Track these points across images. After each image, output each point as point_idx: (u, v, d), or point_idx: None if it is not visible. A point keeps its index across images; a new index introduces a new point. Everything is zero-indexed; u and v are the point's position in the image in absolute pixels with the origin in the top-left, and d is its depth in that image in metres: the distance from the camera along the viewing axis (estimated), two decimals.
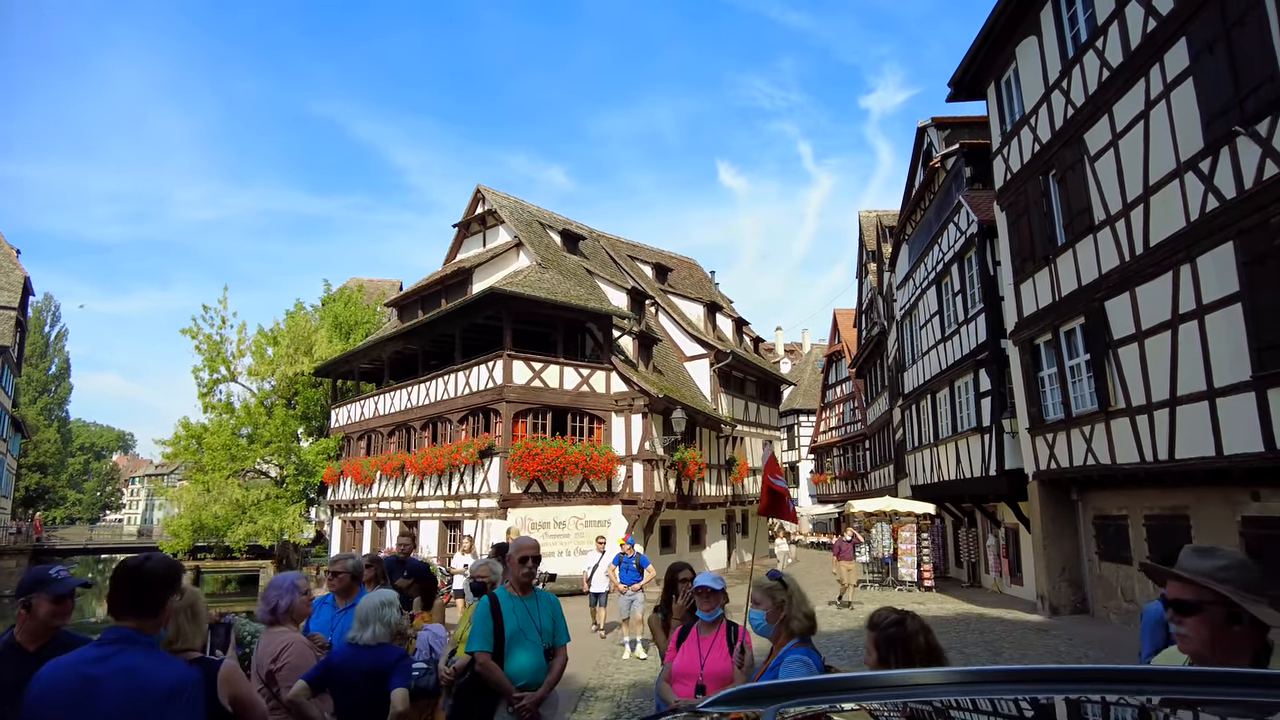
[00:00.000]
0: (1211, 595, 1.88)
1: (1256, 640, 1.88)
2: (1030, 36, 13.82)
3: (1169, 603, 2.01)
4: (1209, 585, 1.89)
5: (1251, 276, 8.71)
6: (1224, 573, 1.91)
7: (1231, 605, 1.87)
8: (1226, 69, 8.95)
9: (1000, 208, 15.38)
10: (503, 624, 4.05)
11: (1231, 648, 1.87)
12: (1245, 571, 1.94)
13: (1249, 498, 9.69)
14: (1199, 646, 1.92)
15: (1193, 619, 1.92)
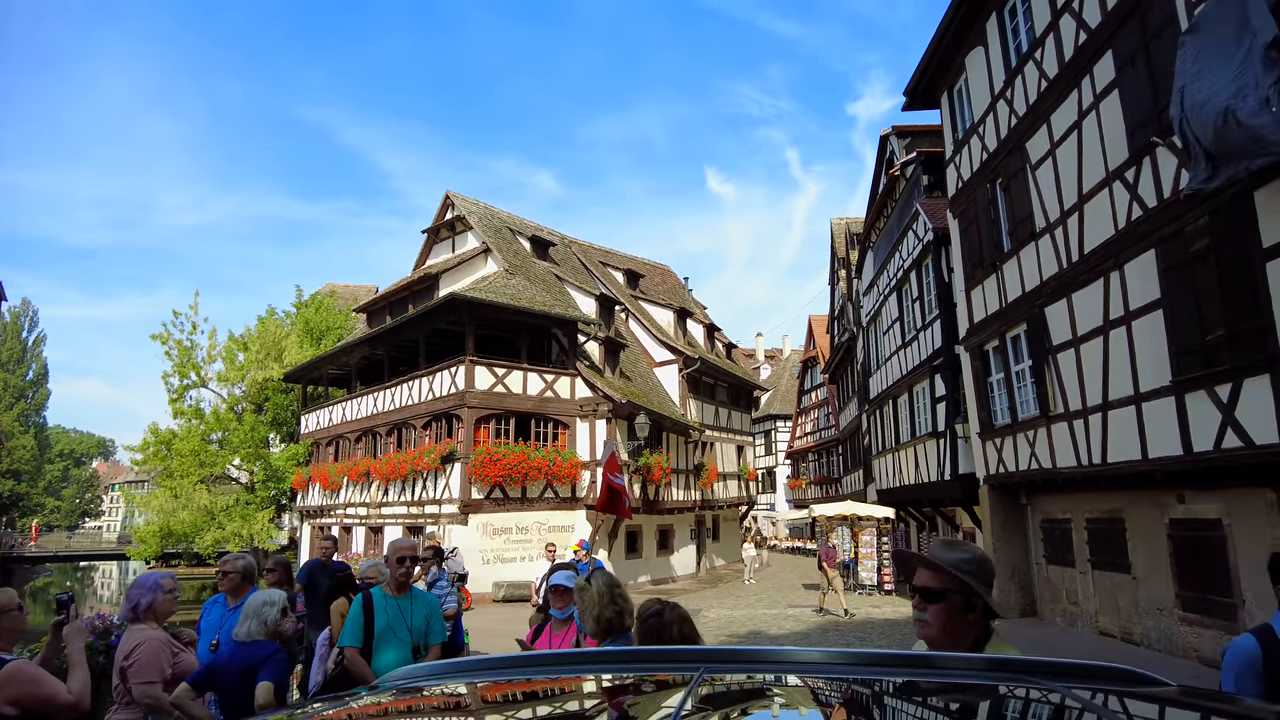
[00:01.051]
0: (956, 584, 2.00)
1: (978, 628, 2.02)
2: (978, 47, 14.05)
3: (915, 589, 2.10)
4: (956, 574, 2.00)
5: (1170, 284, 8.91)
6: (967, 565, 2.03)
7: (970, 594, 1.99)
8: (1147, 81, 9.16)
9: (953, 215, 15.59)
10: (373, 622, 4.15)
11: (960, 634, 2.00)
12: (983, 565, 2.07)
13: (1175, 500, 9.88)
14: (936, 632, 2.02)
15: (936, 606, 2.02)
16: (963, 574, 2.01)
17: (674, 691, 1.34)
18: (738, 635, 12.81)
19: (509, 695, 1.48)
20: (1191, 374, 8.52)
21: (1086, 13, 10.39)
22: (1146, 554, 10.61)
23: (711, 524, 29.45)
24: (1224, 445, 8.10)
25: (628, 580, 22.00)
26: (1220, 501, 9.03)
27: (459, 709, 1.43)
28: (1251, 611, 8.54)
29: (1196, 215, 8.36)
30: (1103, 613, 11.87)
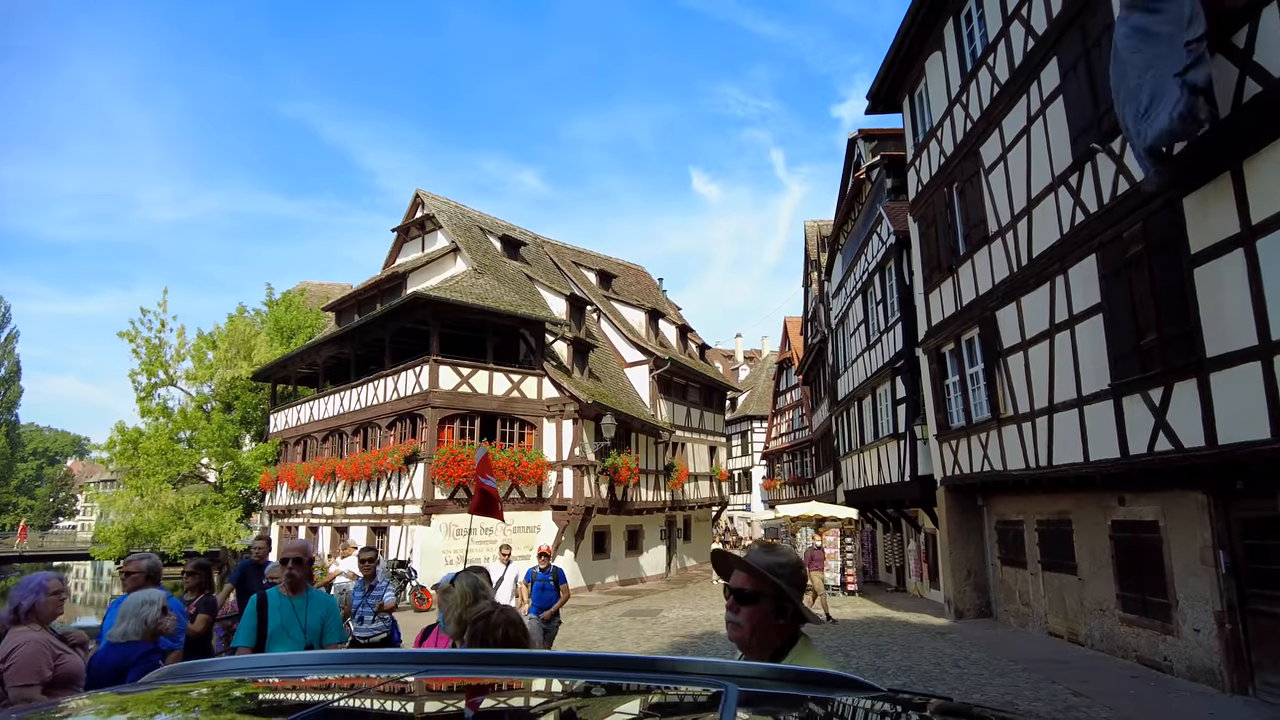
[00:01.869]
0: (769, 588, 2.01)
1: (788, 632, 2.03)
2: (936, 52, 14.15)
3: (730, 591, 2.11)
4: (770, 578, 2.02)
5: (1109, 288, 9.01)
6: (781, 569, 2.04)
7: (782, 598, 2.01)
8: (1087, 88, 9.27)
9: (913, 218, 15.70)
10: (266, 621, 4.16)
11: (769, 637, 2.02)
12: (798, 570, 2.09)
13: (1117, 502, 10.00)
14: (745, 634, 2.03)
15: (748, 608, 2.03)
16: (776, 577, 2.02)
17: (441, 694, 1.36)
18: (692, 635, 12.83)
19: (274, 694, 1.47)
20: (1128, 378, 8.63)
21: (1034, 19, 10.50)
22: (1091, 555, 10.74)
23: (683, 524, 29.49)
24: (1157, 448, 8.21)
25: (595, 581, 22.03)
26: (1157, 504, 9.16)
27: (213, 706, 1.42)
28: (1184, 612, 8.66)
29: (1132, 221, 8.48)
30: (1052, 613, 12.00)
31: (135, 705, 1.36)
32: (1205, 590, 8.29)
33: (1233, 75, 6.82)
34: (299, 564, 4.33)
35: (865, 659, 10.33)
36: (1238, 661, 7.89)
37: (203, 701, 1.38)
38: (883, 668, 9.70)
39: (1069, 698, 8.00)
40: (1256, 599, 7.71)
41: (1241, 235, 6.83)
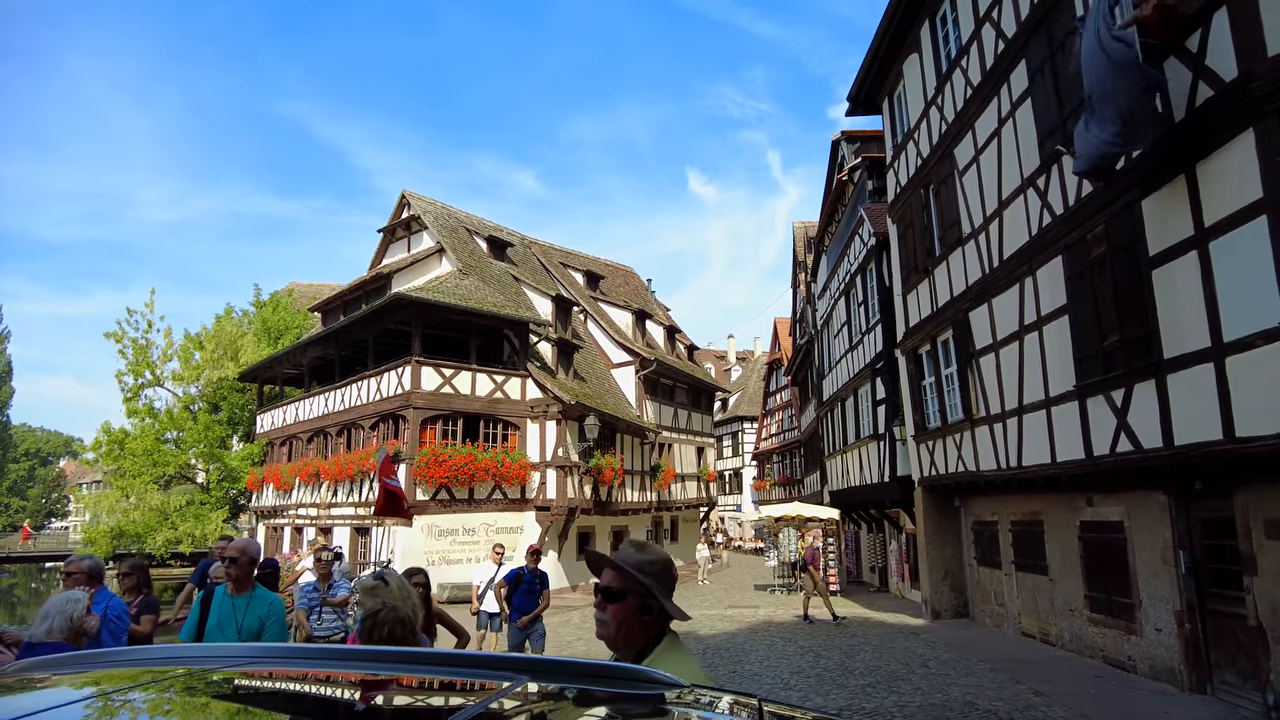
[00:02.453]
0: (636, 585, 2.03)
1: (651, 631, 2.04)
2: (914, 54, 14.21)
3: (599, 589, 2.13)
4: (636, 576, 2.04)
5: (1074, 290, 9.06)
6: (650, 567, 2.06)
7: (648, 596, 2.02)
8: (1053, 91, 9.32)
9: (892, 220, 15.76)
10: (207, 618, 4.20)
11: (635, 634, 2.03)
12: (666, 569, 2.11)
13: (1085, 503, 10.04)
14: (611, 631, 2.05)
15: (614, 606, 2.04)
16: (644, 575, 2.04)
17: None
18: None
19: (119, 685, 1.49)
20: (1091, 379, 8.68)
21: (1004, 22, 10.55)
22: (1061, 556, 10.79)
23: (670, 525, 29.51)
24: (1118, 449, 8.25)
25: (579, 582, 22.03)
26: (1123, 504, 9.20)
27: (57, 698, 1.43)
28: (1147, 612, 8.71)
29: (1095, 223, 8.53)
30: (1025, 613, 12.04)
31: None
32: (1166, 590, 8.34)
33: (1186, 79, 6.87)
34: (234, 563, 4.35)
35: (835, 659, 10.36)
36: (1197, 661, 7.94)
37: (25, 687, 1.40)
38: (851, 668, 9.73)
39: (1030, 697, 8.04)
40: (1215, 599, 7.76)
41: (1196, 238, 6.88)
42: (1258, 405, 6.23)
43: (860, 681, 8.91)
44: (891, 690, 8.42)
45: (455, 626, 5.38)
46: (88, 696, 1.29)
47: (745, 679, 9.15)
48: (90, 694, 1.30)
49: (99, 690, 1.32)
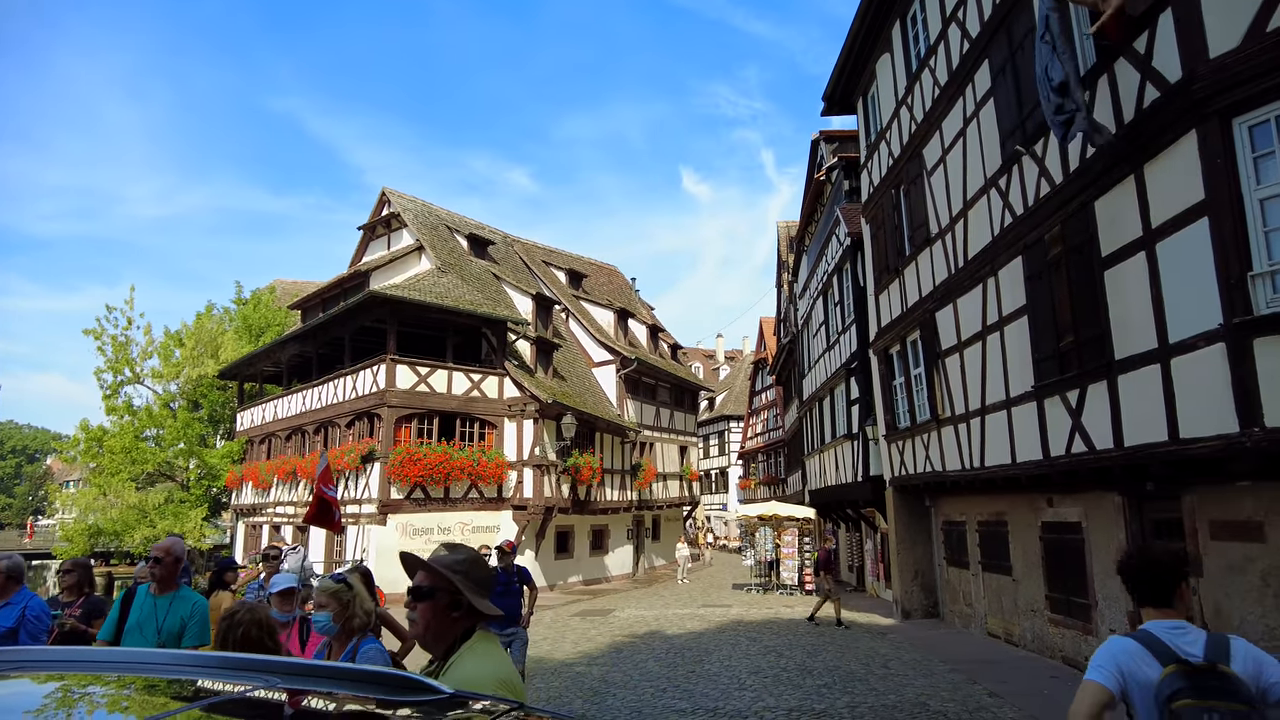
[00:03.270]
0: (444, 583, 2.11)
1: (460, 627, 2.12)
2: (885, 54, 14.20)
3: (409, 590, 2.18)
4: (445, 574, 2.11)
5: (1033, 291, 9.07)
6: (459, 565, 2.15)
7: (456, 593, 2.10)
8: (1014, 91, 9.32)
9: (865, 220, 15.76)
10: (126, 617, 4.18)
11: (444, 630, 2.11)
12: (475, 566, 2.19)
13: (1046, 504, 10.05)
14: (421, 629, 2.13)
15: (424, 604, 2.12)
16: (453, 573, 2.11)
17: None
18: (635, 634, 12.83)
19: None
20: (1049, 380, 8.69)
21: (969, 22, 10.54)
22: (1024, 556, 10.80)
23: (651, 524, 29.48)
24: (1073, 450, 8.26)
25: (557, 581, 22.00)
26: (1080, 505, 9.21)
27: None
28: (1103, 613, 8.72)
29: (1052, 224, 8.53)
30: (991, 614, 12.06)
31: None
32: (1119, 591, 8.34)
33: (1134, 80, 6.87)
34: (159, 563, 4.32)
35: (797, 659, 10.35)
36: None
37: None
38: (810, 668, 9.72)
39: (983, 698, 8.04)
40: None
41: (1144, 239, 6.88)
42: (1200, 407, 6.24)
43: (817, 682, 8.90)
44: (846, 691, 8.41)
45: (397, 629, 5.30)
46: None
47: (702, 678, 9.12)
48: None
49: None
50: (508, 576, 8.03)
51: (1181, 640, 2.29)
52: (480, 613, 2.13)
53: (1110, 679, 2.27)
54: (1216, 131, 5.99)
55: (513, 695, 1.98)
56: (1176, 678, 2.17)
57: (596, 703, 8.02)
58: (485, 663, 2.04)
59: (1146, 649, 2.29)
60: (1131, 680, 2.26)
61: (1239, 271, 5.82)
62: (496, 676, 2.00)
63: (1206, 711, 2.11)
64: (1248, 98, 5.82)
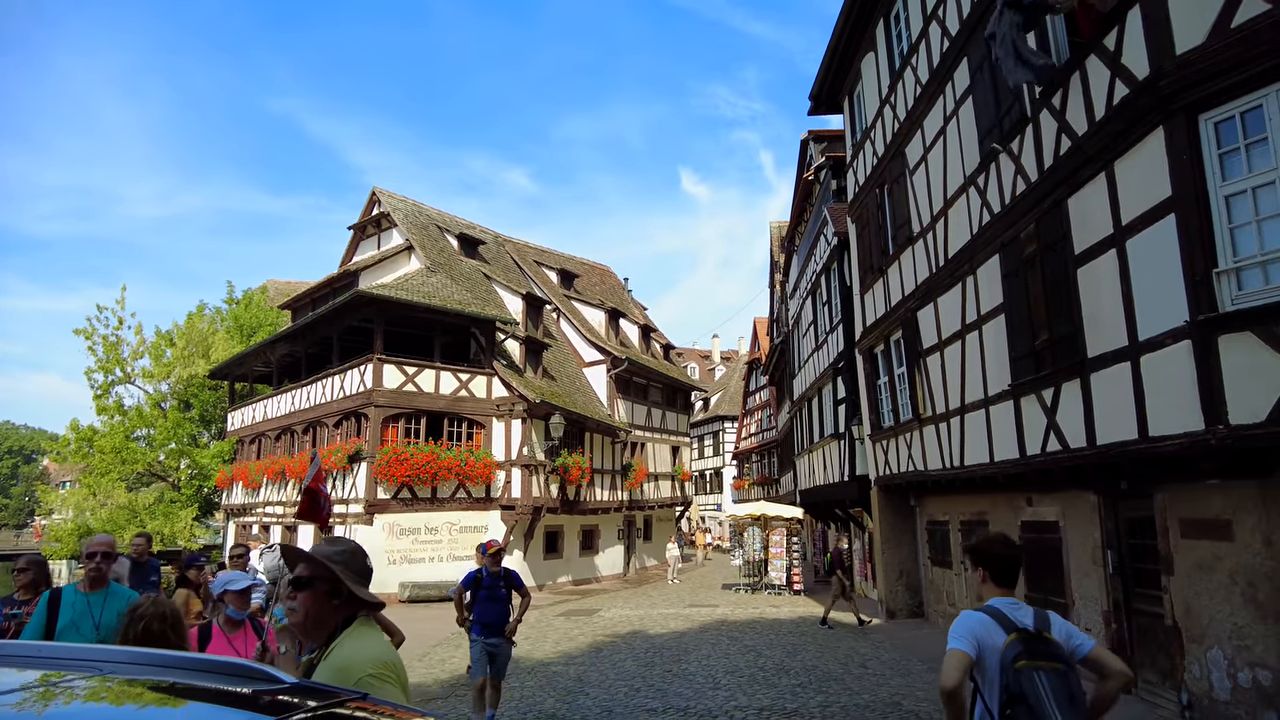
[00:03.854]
0: (324, 572, 2.19)
1: (340, 615, 2.19)
2: (870, 53, 14.18)
3: (290, 581, 2.26)
4: (324, 563, 2.19)
5: (1009, 289, 9.04)
6: (339, 555, 2.24)
7: (335, 582, 2.18)
8: (991, 88, 9.29)
9: (851, 220, 15.73)
10: (56, 618, 4.12)
11: (323, 618, 2.19)
12: (355, 557, 2.29)
13: (1025, 503, 10.02)
14: (301, 618, 2.19)
15: (303, 593, 2.19)
16: (332, 563, 2.19)
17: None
18: (618, 634, 12.79)
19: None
20: (1025, 378, 8.66)
21: (949, 20, 10.52)
22: None
23: (643, 524, 29.43)
24: (1049, 449, 8.24)
25: (546, 581, 21.96)
26: (1058, 504, 9.18)
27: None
28: (1079, 613, 8.69)
29: (1027, 221, 8.50)
30: None
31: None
32: (1095, 590, 8.32)
33: (1105, 77, 6.85)
34: (106, 559, 4.28)
35: (775, 658, 10.32)
36: (1122, 661, 7.90)
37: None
38: (788, 667, 9.69)
39: None
40: (1139, 599, 7.74)
41: (1114, 236, 6.86)
42: (1168, 405, 6.22)
43: (792, 681, 8.86)
44: (820, 690, 8.37)
45: (386, 625, 5.26)
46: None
47: (677, 678, 9.09)
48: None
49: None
50: (493, 580, 7.20)
51: (1017, 614, 2.76)
52: (361, 600, 2.21)
53: (969, 646, 2.69)
54: (1183, 128, 5.97)
55: (391, 677, 2.02)
56: (1017, 643, 2.64)
57: (569, 702, 7.98)
58: (363, 645, 2.09)
59: (994, 621, 2.73)
60: (984, 647, 2.68)
61: (1204, 268, 5.79)
62: (373, 658, 2.04)
63: (1036, 670, 2.58)
64: (1213, 93, 5.80)
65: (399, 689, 2.05)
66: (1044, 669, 2.58)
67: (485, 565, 7.31)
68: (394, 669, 2.05)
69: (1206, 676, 6.54)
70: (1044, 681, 2.57)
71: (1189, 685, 6.76)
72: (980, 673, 2.70)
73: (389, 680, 2.02)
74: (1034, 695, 2.55)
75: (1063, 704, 2.53)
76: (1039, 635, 2.68)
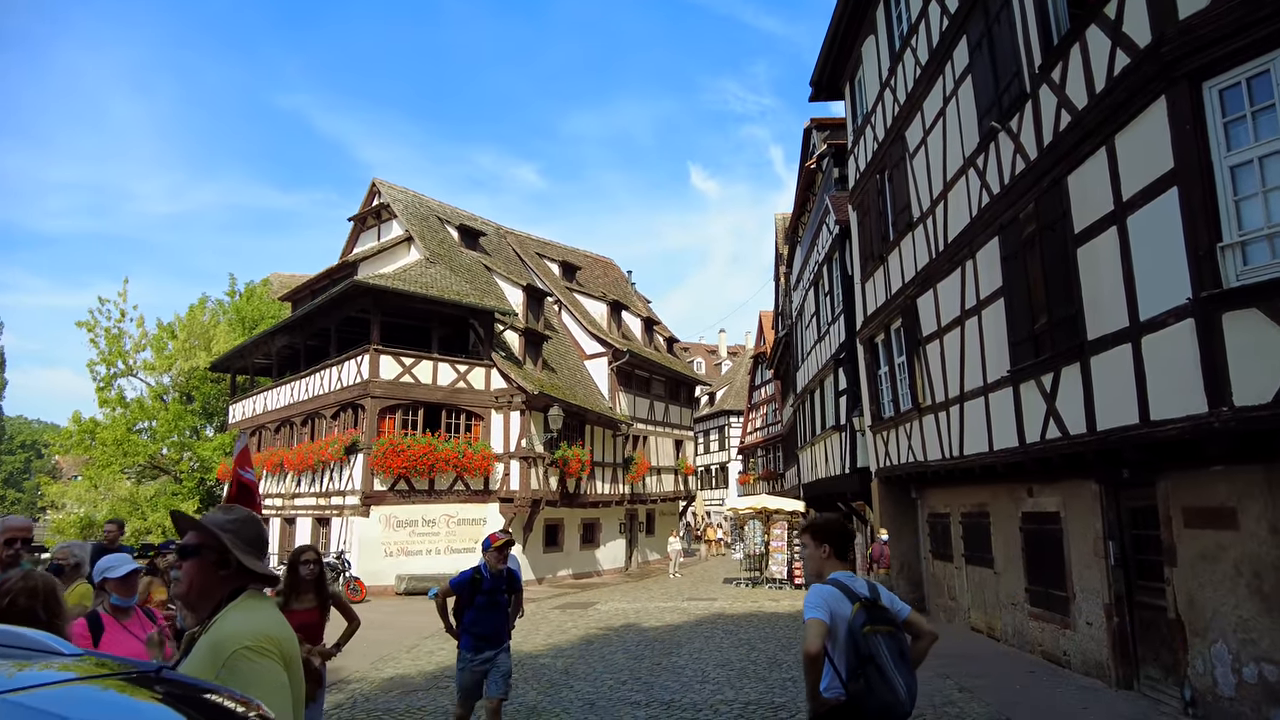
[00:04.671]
0: (212, 540, 2.08)
1: (228, 585, 2.08)
2: (870, 35, 13.89)
3: (176, 548, 2.19)
4: (213, 530, 2.07)
5: (1009, 271, 8.77)
6: (229, 524, 2.12)
7: (224, 551, 2.06)
8: (990, 66, 9.01)
9: (852, 207, 15.45)
10: None
11: (210, 588, 2.08)
12: (246, 526, 2.16)
13: (1026, 494, 9.75)
14: (185, 588, 2.09)
15: (189, 561, 2.09)
16: (222, 531, 2.07)
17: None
18: (611, 627, 12.60)
19: None
20: (1024, 363, 8.40)
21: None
22: (1005, 548, 10.50)
23: (645, 518, 29.21)
24: (1048, 436, 7.97)
25: (545, 574, 21.77)
26: (1059, 494, 8.91)
27: None
28: (1080, 606, 8.42)
29: (1026, 201, 8.23)
30: (974, 608, 11.76)
31: None
32: (1097, 582, 8.05)
33: (1106, 47, 6.57)
34: (24, 544, 4.08)
35: (769, 653, 10.09)
36: (1124, 655, 7.65)
37: None
38: (781, 661, 9.46)
39: (953, 693, 7.76)
40: (1141, 591, 7.47)
41: (1115, 212, 6.59)
42: (1170, 387, 5.95)
43: (784, 675, 8.63)
44: None
45: (349, 611, 5.10)
46: None
47: (666, 671, 8.86)
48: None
49: None
50: (495, 583, 5.68)
51: (855, 585, 3.10)
52: (251, 572, 2.08)
53: (825, 615, 2.95)
54: (1185, 96, 5.69)
55: (271, 651, 1.88)
56: (862, 612, 2.97)
57: (551, 695, 7.78)
58: (245, 617, 1.95)
59: (841, 592, 3.05)
60: (835, 615, 2.97)
61: (1208, 243, 5.52)
62: (253, 631, 1.89)
63: (878, 634, 2.94)
64: (1218, 59, 5.52)
65: (279, 663, 1.89)
66: (883, 632, 2.94)
67: (486, 562, 5.71)
68: (275, 642, 1.90)
69: (1210, 672, 6.28)
70: (884, 643, 2.91)
71: (1192, 681, 6.49)
72: (831, 639, 2.97)
73: (268, 654, 1.86)
74: (879, 655, 2.88)
75: (897, 660, 2.91)
76: (875, 603, 3.03)
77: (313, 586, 4.73)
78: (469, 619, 5.63)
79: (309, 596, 4.71)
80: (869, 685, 2.87)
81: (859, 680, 2.89)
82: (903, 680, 2.90)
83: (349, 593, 16.32)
